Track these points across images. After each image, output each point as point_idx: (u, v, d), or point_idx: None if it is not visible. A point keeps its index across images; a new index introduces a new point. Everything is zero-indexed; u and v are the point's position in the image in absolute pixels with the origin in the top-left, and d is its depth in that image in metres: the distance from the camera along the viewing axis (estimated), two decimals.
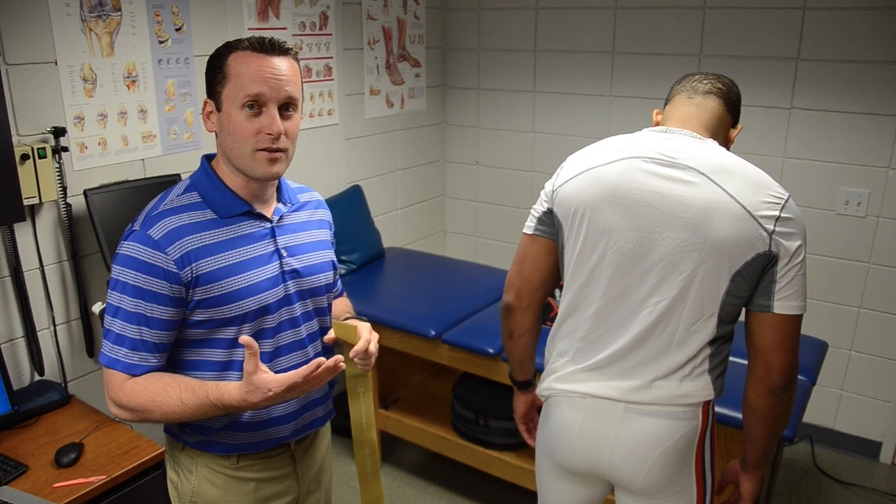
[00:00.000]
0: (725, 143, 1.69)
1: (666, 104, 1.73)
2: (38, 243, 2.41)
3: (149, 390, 1.43)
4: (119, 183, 2.55)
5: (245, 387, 1.39)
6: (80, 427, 2.28)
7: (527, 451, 2.82)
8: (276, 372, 1.52)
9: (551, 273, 1.77)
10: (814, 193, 3.31)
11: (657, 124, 1.72)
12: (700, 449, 1.65)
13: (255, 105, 1.42)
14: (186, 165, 2.82)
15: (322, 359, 1.41)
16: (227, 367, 1.51)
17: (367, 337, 1.60)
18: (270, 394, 1.38)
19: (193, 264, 1.43)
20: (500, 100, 4.16)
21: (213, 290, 1.45)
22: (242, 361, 1.49)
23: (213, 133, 1.51)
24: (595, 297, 1.65)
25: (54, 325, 2.50)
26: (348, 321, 1.67)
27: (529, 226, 1.77)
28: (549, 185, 1.73)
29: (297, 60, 1.50)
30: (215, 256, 1.46)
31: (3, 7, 2.22)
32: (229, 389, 1.41)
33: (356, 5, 3.59)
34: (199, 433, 1.57)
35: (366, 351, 1.59)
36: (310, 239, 1.64)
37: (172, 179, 2.64)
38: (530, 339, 1.87)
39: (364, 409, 1.73)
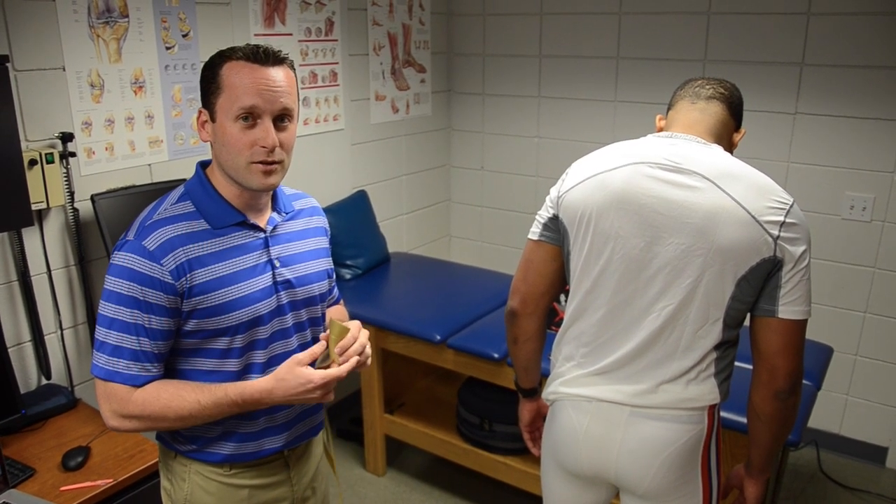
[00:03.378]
0: (729, 147, 1.70)
1: (669, 110, 1.74)
2: (46, 248, 2.42)
3: (163, 398, 1.42)
4: (126, 188, 2.56)
5: (281, 373, 1.43)
6: (87, 431, 2.29)
7: (531, 455, 2.81)
8: None
9: (556, 279, 1.78)
10: (819, 198, 3.31)
11: (660, 130, 1.73)
12: (706, 452, 1.66)
13: (250, 117, 1.41)
14: (193, 170, 2.82)
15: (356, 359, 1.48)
16: (216, 377, 1.50)
17: (354, 333, 1.53)
18: (310, 385, 1.41)
19: (188, 275, 1.42)
20: (505, 105, 4.17)
21: (205, 301, 1.44)
22: (234, 372, 1.50)
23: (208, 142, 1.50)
24: (601, 302, 1.65)
25: (61, 330, 2.51)
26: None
27: (534, 231, 1.77)
28: (554, 192, 1.74)
29: (293, 68, 1.48)
30: (208, 268, 1.45)
31: (11, 14, 2.24)
32: (251, 382, 1.45)
33: (362, 11, 3.61)
34: (192, 443, 1.56)
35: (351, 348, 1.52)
36: (305, 248, 1.62)
37: (179, 185, 2.65)
38: (535, 344, 1.87)
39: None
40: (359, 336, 1.54)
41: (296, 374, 1.42)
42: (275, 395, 1.43)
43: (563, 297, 2.60)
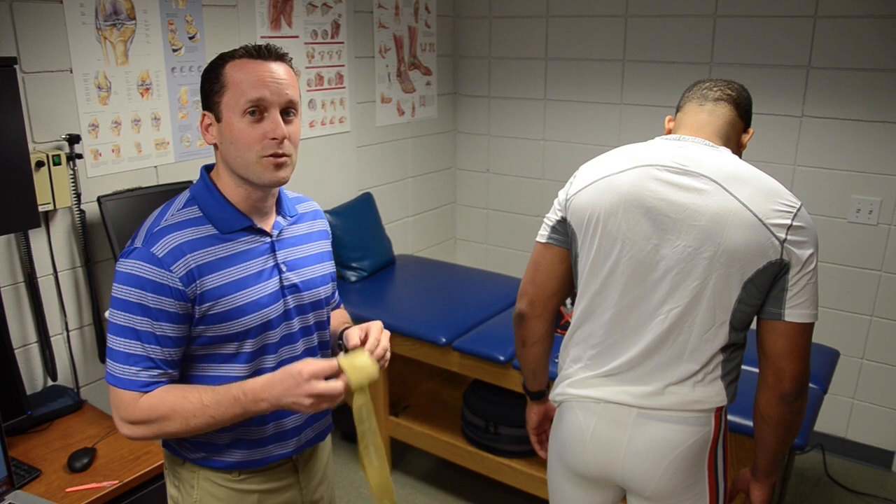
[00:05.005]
0: (738, 147, 1.70)
1: (677, 111, 1.74)
2: (52, 249, 2.43)
3: (168, 401, 1.40)
4: (132, 190, 2.57)
5: (285, 367, 1.38)
6: (93, 432, 2.29)
7: (537, 458, 2.81)
8: None
9: (564, 281, 1.78)
10: (825, 201, 3.30)
11: (669, 132, 1.73)
12: (713, 455, 1.65)
13: (257, 111, 1.40)
14: (199, 172, 2.83)
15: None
16: (225, 384, 1.48)
17: (376, 335, 1.54)
18: (299, 378, 1.34)
19: (198, 281, 1.41)
20: (510, 108, 4.17)
21: (215, 306, 1.43)
22: (243, 377, 1.48)
23: (213, 145, 1.49)
24: (609, 304, 1.65)
25: (67, 331, 2.52)
26: (349, 330, 1.59)
27: (543, 234, 1.77)
28: (562, 194, 1.74)
29: (292, 66, 1.48)
30: (217, 273, 1.44)
31: (20, 16, 2.25)
32: (253, 381, 1.40)
33: (368, 14, 3.61)
34: (200, 450, 1.55)
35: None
36: (309, 252, 1.62)
37: (185, 187, 2.62)
38: (543, 347, 1.87)
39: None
40: (381, 340, 1.53)
41: (291, 370, 1.37)
42: (274, 389, 1.36)
43: (568, 302, 2.59)
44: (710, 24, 3.41)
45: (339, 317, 1.80)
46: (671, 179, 1.56)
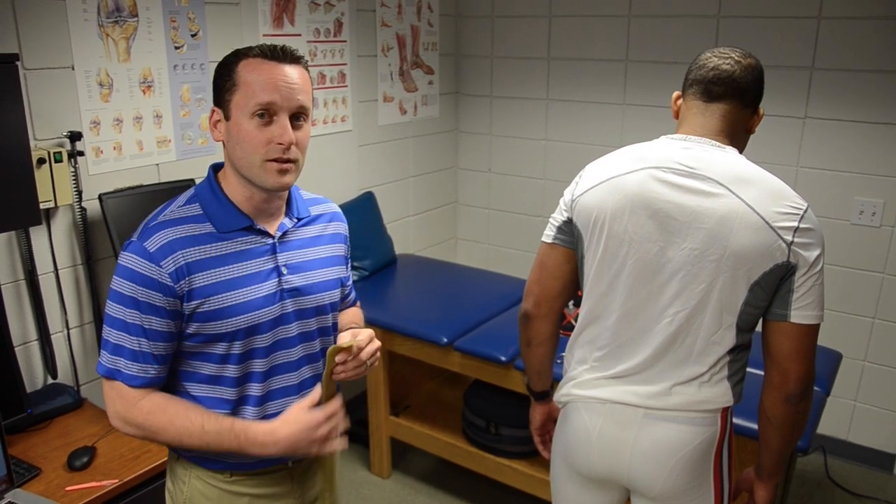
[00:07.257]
0: (746, 134, 1.67)
1: (684, 93, 1.68)
2: (53, 247, 2.42)
3: (169, 412, 1.42)
4: (133, 187, 2.56)
5: (286, 416, 1.45)
6: (93, 430, 2.28)
7: (538, 459, 2.80)
8: (267, 392, 1.52)
9: (570, 281, 1.77)
10: (828, 203, 3.29)
11: (677, 112, 1.70)
12: (718, 455, 1.65)
13: (266, 114, 1.39)
14: (201, 171, 2.81)
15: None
16: (216, 381, 1.48)
17: (362, 338, 1.53)
18: (313, 423, 1.44)
19: (187, 278, 1.40)
20: (512, 107, 4.16)
21: (204, 305, 1.42)
22: (233, 378, 1.48)
23: (221, 142, 1.48)
24: (615, 306, 1.65)
25: (68, 329, 2.51)
26: (343, 334, 1.59)
27: (548, 234, 1.76)
28: (567, 195, 1.73)
29: (307, 69, 1.47)
30: (209, 271, 1.43)
31: (21, 13, 2.24)
32: (258, 423, 1.45)
33: (370, 12, 3.60)
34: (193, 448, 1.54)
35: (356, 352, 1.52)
36: (318, 255, 1.59)
37: (187, 184, 2.65)
38: (548, 347, 1.87)
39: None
40: (365, 347, 1.52)
41: (301, 418, 1.44)
42: (278, 435, 1.43)
43: (571, 303, 2.59)
44: (714, 25, 3.40)
45: (350, 315, 1.77)
46: (677, 182, 1.55)
